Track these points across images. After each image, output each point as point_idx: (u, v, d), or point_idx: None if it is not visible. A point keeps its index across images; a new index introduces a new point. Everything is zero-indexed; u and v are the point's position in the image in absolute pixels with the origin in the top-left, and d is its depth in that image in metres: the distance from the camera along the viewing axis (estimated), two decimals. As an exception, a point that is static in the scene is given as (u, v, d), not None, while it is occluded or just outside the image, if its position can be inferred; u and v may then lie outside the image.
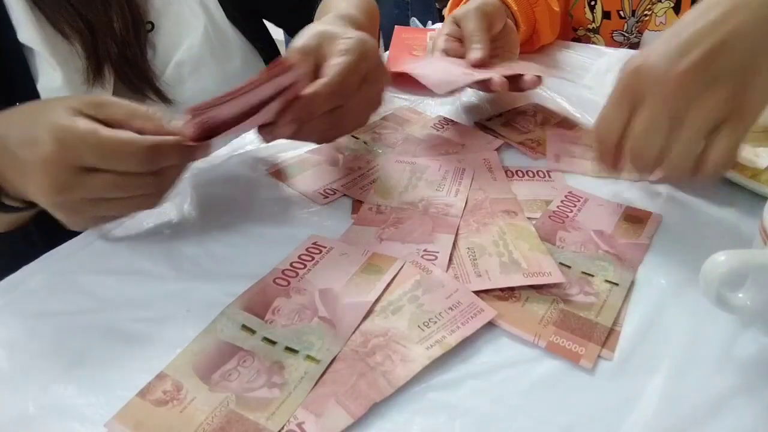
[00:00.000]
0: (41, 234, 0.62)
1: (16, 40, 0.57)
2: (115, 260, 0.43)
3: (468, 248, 0.45)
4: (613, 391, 0.34)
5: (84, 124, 0.38)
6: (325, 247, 0.45)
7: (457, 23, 0.65)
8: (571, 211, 0.49)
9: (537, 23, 0.77)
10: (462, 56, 0.62)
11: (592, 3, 0.87)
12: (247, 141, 0.60)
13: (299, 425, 0.33)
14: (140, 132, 0.39)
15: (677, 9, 0.84)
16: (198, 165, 0.55)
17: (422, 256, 0.44)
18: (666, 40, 0.40)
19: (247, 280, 0.42)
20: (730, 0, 0.39)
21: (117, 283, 0.43)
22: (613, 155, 0.45)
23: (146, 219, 0.49)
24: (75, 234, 0.46)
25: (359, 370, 0.35)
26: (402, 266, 0.43)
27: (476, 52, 0.60)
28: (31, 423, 0.33)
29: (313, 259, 0.44)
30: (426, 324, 0.38)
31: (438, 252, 0.44)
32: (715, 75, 0.38)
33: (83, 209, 0.40)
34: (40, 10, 0.58)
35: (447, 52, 0.64)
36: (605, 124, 0.44)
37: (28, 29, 0.57)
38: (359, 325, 0.38)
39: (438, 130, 0.62)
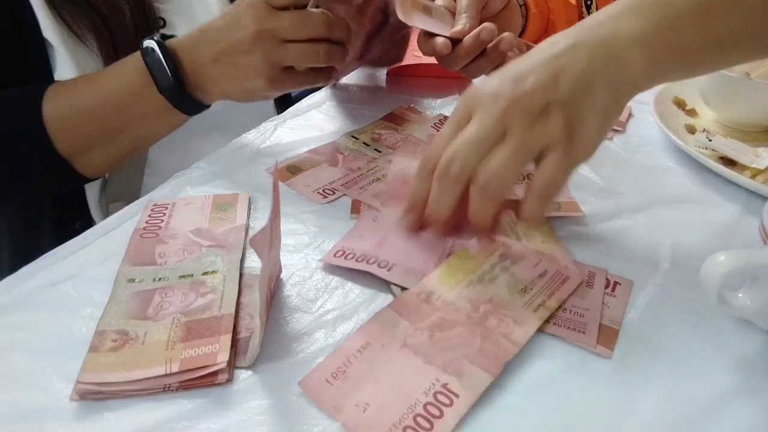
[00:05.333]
0: (42, 235, 0.62)
1: (39, 33, 0.57)
2: (115, 260, 0.43)
3: None
4: (613, 391, 0.34)
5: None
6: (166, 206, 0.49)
7: None
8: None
9: (551, 13, 0.76)
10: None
11: (588, 2, 0.86)
12: (248, 141, 0.60)
13: (444, 386, 0.33)
14: None
15: None
16: (197, 166, 0.56)
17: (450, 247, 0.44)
18: (504, 72, 0.40)
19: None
20: (570, 39, 0.39)
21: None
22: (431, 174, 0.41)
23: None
24: (75, 234, 0.46)
25: (480, 333, 0.36)
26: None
27: (459, 25, 0.58)
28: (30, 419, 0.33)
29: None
30: (524, 290, 0.40)
31: (463, 243, 0.44)
32: (546, 104, 0.37)
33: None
34: (55, 10, 0.57)
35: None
36: (433, 144, 0.42)
37: (46, 26, 0.57)
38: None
39: (438, 130, 0.62)
